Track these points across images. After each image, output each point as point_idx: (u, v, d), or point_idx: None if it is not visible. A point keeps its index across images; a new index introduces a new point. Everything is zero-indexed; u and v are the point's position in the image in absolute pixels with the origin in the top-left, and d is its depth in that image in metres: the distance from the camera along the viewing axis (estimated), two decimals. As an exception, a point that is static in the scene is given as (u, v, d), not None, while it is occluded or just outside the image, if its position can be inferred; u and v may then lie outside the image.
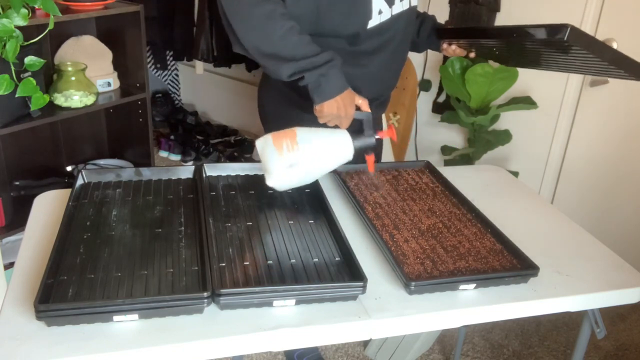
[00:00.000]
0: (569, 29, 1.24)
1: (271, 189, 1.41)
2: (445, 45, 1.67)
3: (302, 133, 1.33)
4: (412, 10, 1.56)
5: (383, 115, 1.65)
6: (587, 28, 2.24)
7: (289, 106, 1.60)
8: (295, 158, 1.30)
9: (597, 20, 2.22)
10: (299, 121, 1.60)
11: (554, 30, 1.27)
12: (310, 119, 1.59)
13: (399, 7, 1.48)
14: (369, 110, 1.40)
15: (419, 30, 1.70)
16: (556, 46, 1.35)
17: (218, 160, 3.44)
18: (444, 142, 2.66)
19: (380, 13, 1.45)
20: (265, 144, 1.34)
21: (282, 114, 1.64)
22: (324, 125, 1.40)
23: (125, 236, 1.20)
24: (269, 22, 1.30)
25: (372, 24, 1.44)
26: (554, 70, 1.58)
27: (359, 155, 1.40)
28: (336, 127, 1.40)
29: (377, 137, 1.40)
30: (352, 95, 1.37)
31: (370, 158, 1.42)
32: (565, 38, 1.24)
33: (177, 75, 3.98)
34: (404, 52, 1.67)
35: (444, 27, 1.71)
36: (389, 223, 1.32)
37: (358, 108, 1.40)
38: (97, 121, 2.73)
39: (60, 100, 2.23)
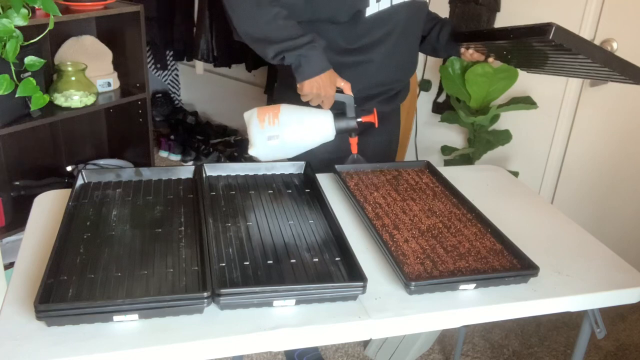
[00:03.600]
0: (553, 28, 1.27)
1: (271, 188, 1.42)
2: (463, 50, 1.69)
3: (286, 109, 1.45)
4: (416, 3, 1.57)
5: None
6: (587, 28, 2.24)
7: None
8: (274, 131, 1.42)
9: (597, 20, 2.22)
10: None
11: (539, 29, 1.30)
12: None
13: None
14: (351, 94, 1.47)
15: (438, 36, 1.72)
16: (558, 48, 1.35)
17: (218, 160, 3.44)
18: (444, 142, 2.66)
19: (378, 1, 1.46)
20: (250, 116, 1.46)
21: None
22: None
23: (125, 236, 1.20)
24: (258, 8, 1.40)
25: (370, 11, 1.46)
26: (562, 75, 1.59)
27: (344, 138, 1.50)
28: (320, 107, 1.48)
29: (359, 120, 1.48)
30: (333, 76, 1.44)
31: (353, 140, 1.51)
32: (550, 37, 1.26)
33: (177, 75, 3.98)
34: (410, 46, 1.67)
35: (457, 31, 1.71)
36: (389, 223, 1.32)
37: (341, 91, 1.47)
38: (97, 121, 2.73)
39: (60, 100, 2.23)
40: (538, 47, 1.45)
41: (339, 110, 1.47)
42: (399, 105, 1.84)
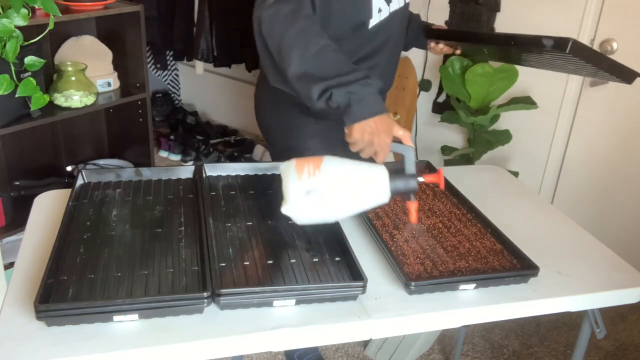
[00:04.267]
0: (570, 42, 1.25)
1: (271, 188, 1.41)
2: (432, 44, 1.68)
3: (330, 160, 1.17)
4: (406, 8, 1.57)
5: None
6: (587, 28, 2.24)
7: (288, 107, 1.59)
8: (314, 184, 1.13)
9: (597, 20, 2.22)
10: (298, 124, 1.60)
11: (556, 43, 1.27)
12: (309, 120, 1.59)
13: (395, 5, 1.50)
14: (412, 145, 1.20)
15: (407, 30, 1.70)
16: (554, 53, 1.36)
17: (218, 160, 3.44)
18: (444, 142, 2.66)
19: (380, 11, 1.45)
20: (287, 168, 1.18)
21: (281, 116, 1.63)
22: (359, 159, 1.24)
23: (125, 236, 1.20)
24: (304, 38, 1.24)
25: (373, 22, 1.45)
26: (547, 69, 1.60)
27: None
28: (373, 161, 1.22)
29: (420, 179, 1.19)
30: (389, 122, 1.20)
31: (412, 205, 1.19)
32: (568, 51, 1.25)
33: (177, 75, 3.98)
34: (400, 51, 1.68)
35: (429, 26, 1.72)
36: (389, 223, 1.32)
37: (398, 141, 1.21)
38: (97, 121, 2.73)
39: (60, 100, 2.23)
40: (525, 50, 1.47)
41: (393, 167, 1.18)
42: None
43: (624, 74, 1.38)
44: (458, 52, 1.70)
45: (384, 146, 1.18)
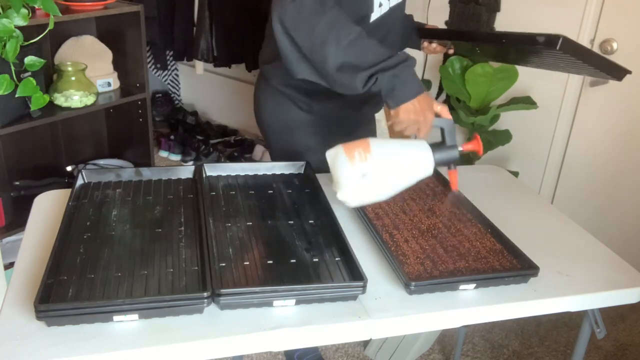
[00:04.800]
0: (560, 39, 1.25)
1: (271, 188, 1.41)
2: (425, 44, 1.70)
3: (376, 142, 1.22)
4: (404, 3, 1.59)
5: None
6: (587, 28, 2.24)
7: (288, 106, 1.60)
8: (368, 167, 1.18)
9: (597, 20, 2.22)
10: (299, 122, 1.61)
11: (547, 41, 1.28)
12: (310, 119, 1.60)
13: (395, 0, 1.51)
14: (450, 117, 1.28)
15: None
16: (545, 51, 1.37)
17: (218, 160, 3.44)
18: (443, 142, 2.65)
19: (380, 6, 1.46)
20: (336, 155, 1.22)
21: (281, 115, 1.64)
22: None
23: (125, 236, 1.20)
24: (335, 29, 1.25)
25: (374, 17, 1.46)
26: (544, 68, 1.61)
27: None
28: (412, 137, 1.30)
29: (460, 149, 1.28)
30: (429, 99, 1.28)
31: (453, 174, 1.30)
32: (558, 48, 1.26)
33: (177, 75, 3.98)
34: (398, 46, 1.68)
35: (422, 26, 1.73)
36: (389, 223, 1.32)
37: (437, 115, 1.29)
38: (97, 121, 2.73)
39: (60, 100, 2.23)
40: (517, 49, 1.47)
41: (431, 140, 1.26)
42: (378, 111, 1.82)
43: (614, 71, 1.39)
44: (451, 51, 1.70)
45: (428, 122, 1.27)
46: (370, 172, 1.18)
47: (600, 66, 1.36)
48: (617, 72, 1.39)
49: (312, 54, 1.29)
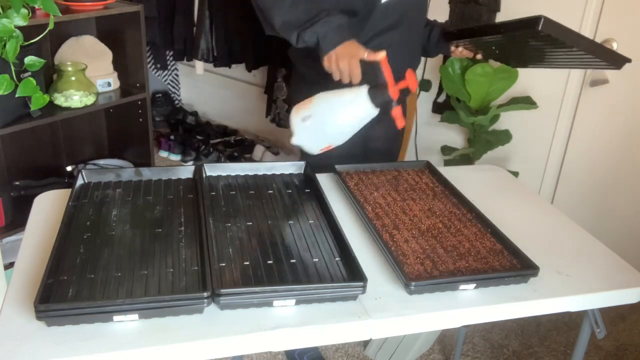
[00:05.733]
0: (542, 19, 1.29)
1: (271, 188, 1.42)
2: (453, 48, 1.72)
3: (321, 93, 1.38)
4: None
5: None
6: (587, 28, 2.24)
7: (304, 82, 1.70)
8: (307, 111, 1.36)
9: (597, 20, 2.22)
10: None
11: (529, 22, 1.34)
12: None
13: None
14: (379, 58, 1.33)
15: (429, 36, 1.76)
16: (543, 40, 1.38)
17: (218, 160, 3.44)
18: (444, 142, 2.66)
19: None
20: (292, 110, 1.42)
21: (301, 92, 1.72)
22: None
23: (125, 236, 1.20)
24: None
25: None
26: (548, 67, 1.61)
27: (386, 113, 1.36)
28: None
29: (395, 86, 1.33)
30: (351, 47, 1.39)
31: (395, 111, 1.32)
32: (540, 28, 1.29)
33: (177, 75, 3.98)
34: (417, 37, 1.73)
35: (447, 30, 1.74)
36: (389, 223, 1.32)
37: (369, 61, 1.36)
38: (97, 121, 2.73)
39: (60, 100, 2.23)
40: (525, 40, 1.47)
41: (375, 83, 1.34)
42: (406, 99, 1.86)
43: (613, 59, 1.39)
44: (479, 56, 1.71)
45: (352, 67, 1.38)
46: (310, 115, 1.35)
47: (595, 52, 1.37)
48: (616, 60, 1.40)
49: (266, 15, 1.49)
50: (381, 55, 1.33)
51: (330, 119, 1.35)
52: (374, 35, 1.58)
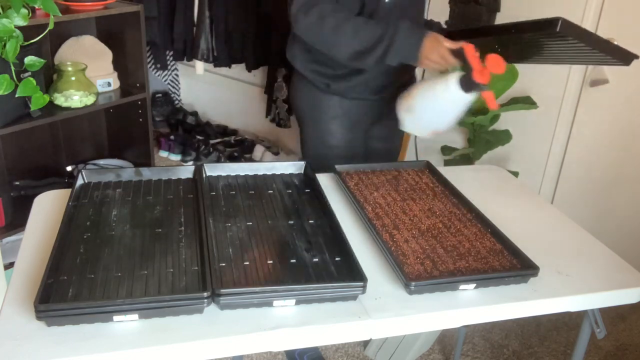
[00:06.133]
0: (560, 21, 1.31)
1: (271, 188, 1.42)
2: None
3: (417, 84, 1.50)
4: None
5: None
6: (587, 28, 2.24)
7: (317, 92, 1.73)
8: (408, 103, 1.48)
9: (597, 20, 2.22)
10: (323, 104, 1.74)
11: (547, 23, 1.36)
12: (335, 101, 1.72)
13: None
14: (463, 46, 1.38)
15: None
16: (553, 38, 1.38)
17: (218, 160, 3.44)
18: (444, 142, 2.65)
19: None
20: (397, 103, 1.53)
21: (306, 98, 1.77)
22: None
23: (125, 236, 1.20)
24: (338, 30, 1.47)
25: None
26: (550, 63, 1.61)
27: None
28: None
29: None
30: (434, 42, 1.41)
31: (486, 95, 1.39)
32: (558, 29, 1.28)
33: (177, 75, 3.98)
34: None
35: (448, 30, 1.74)
36: (389, 223, 1.32)
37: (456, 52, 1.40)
38: (97, 121, 2.73)
39: (60, 100, 2.23)
40: (536, 39, 1.48)
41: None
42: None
43: (620, 55, 1.40)
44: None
45: (444, 58, 1.40)
46: (411, 106, 1.47)
47: (605, 49, 1.37)
48: (624, 57, 1.40)
49: (330, 52, 1.55)
50: (465, 43, 1.37)
51: (429, 108, 1.45)
52: None
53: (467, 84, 1.36)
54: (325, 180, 1.52)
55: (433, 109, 1.45)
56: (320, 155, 1.75)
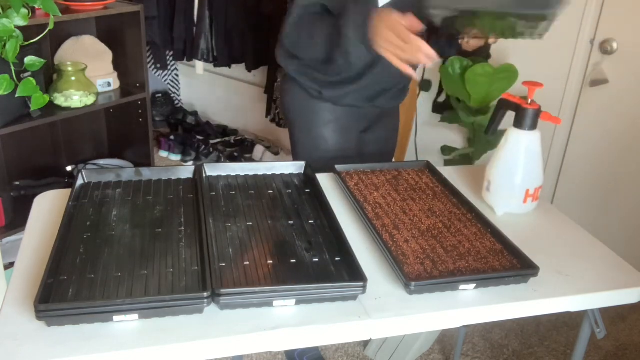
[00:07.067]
0: None
1: (271, 188, 1.42)
2: (460, 41, 1.69)
3: None
4: None
5: None
6: (587, 28, 2.24)
7: (309, 98, 1.70)
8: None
9: (597, 20, 2.22)
10: (315, 110, 1.73)
11: None
12: (327, 107, 1.71)
13: None
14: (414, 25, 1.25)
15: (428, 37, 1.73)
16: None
17: (218, 160, 3.44)
18: (444, 142, 2.66)
19: None
20: None
21: (297, 104, 1.75)
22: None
23: (125, 236, 1.20)
24: (310, 38, 1.53)
25: (382, 2, 1.49)
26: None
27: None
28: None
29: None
30: (386, 20, 1.27)
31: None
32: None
33: (177, 75, 3.98)
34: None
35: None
36: (389, 223, 1.32)
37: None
38: (97, 121, 2.73)
39: (60, 100, 2.23)
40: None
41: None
42: (399, 104, 1.86)
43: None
44: (492, 40, 1.61)
45: (399, 35, 1.25)
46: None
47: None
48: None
49: (320, 64, 1.59)
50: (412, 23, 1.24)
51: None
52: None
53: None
54: (325, 180, 1.52)
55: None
56: (313, 160, 1.75)
